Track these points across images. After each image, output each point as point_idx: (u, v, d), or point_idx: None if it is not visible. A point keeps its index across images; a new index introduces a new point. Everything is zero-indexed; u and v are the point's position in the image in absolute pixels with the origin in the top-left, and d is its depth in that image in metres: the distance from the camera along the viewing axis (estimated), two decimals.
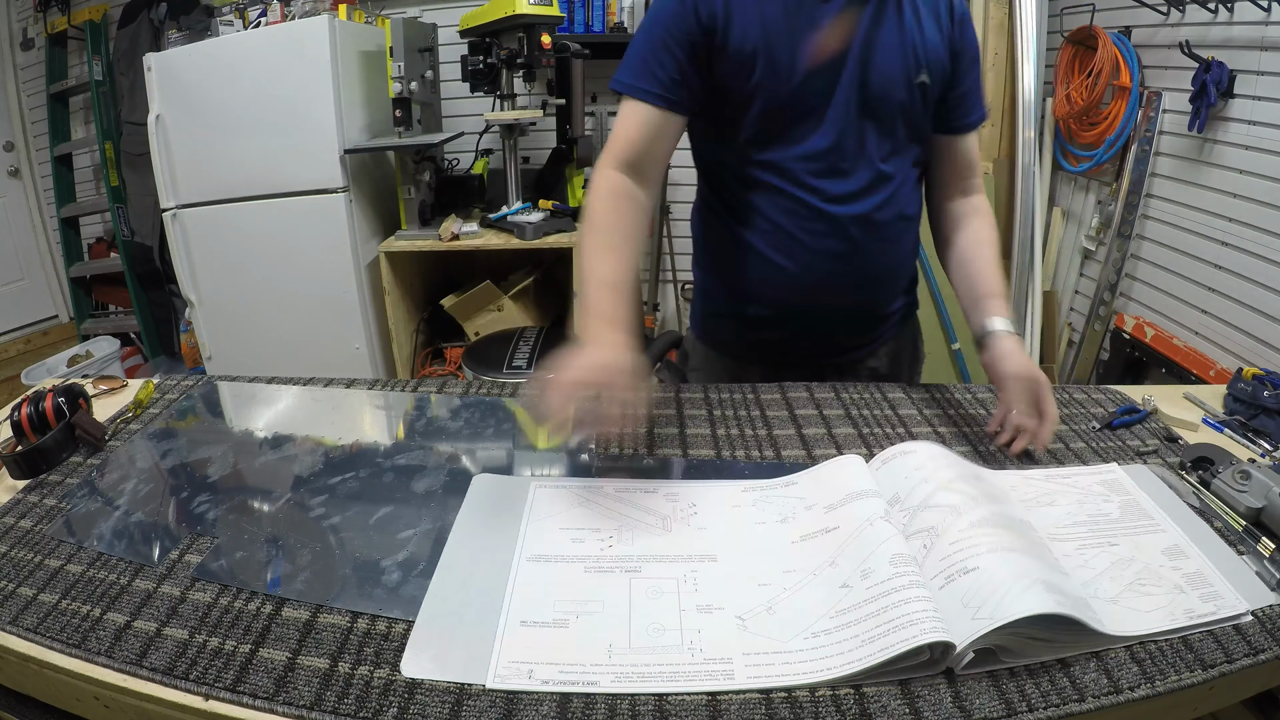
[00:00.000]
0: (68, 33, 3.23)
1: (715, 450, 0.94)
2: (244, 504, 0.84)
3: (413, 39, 2.28)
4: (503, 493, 0.83)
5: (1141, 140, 2.32)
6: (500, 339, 2.19)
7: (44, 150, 3.47)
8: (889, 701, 0.58)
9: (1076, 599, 0.63)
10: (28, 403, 0.94)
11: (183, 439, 0.98)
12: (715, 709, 0.57)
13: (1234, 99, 1.99)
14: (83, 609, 0.67)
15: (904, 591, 0.63)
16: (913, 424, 1.00)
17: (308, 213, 2.31)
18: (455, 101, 2.79)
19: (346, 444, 0.96)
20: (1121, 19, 2.38)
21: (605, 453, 0.94)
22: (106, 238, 3.55)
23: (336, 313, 2.42)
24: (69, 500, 0.84)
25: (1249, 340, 2.00)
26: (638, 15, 2.68)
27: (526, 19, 2.16)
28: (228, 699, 0.58)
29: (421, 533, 0.77)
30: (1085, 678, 0.60)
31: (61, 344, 3.55)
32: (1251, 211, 1.97)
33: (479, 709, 0.57)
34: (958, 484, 0.74)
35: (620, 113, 1.04)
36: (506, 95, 2.34)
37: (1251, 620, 0.65)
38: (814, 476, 0.84)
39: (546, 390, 0.78)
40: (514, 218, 2.34)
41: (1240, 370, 1.07)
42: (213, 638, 0.64)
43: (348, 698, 0.58)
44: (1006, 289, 1.40)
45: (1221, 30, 2.03)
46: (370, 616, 0.66)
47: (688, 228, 1.31)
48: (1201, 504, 0.82)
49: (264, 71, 2.21)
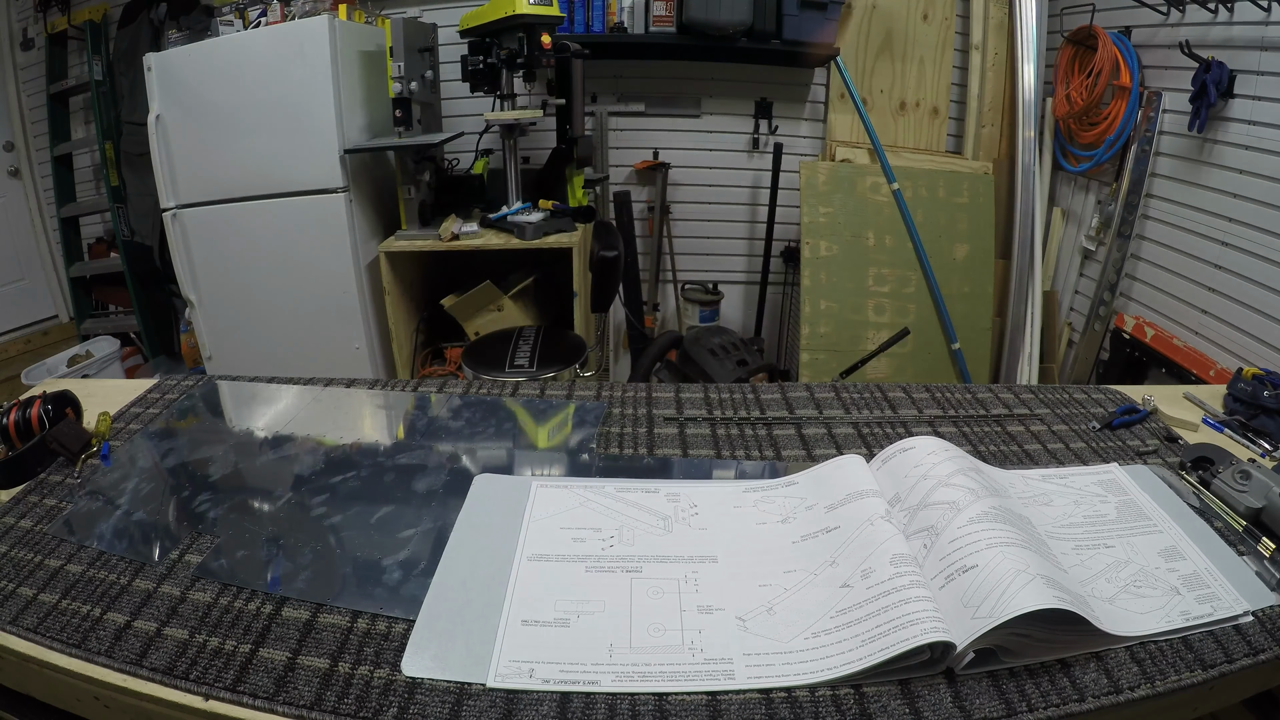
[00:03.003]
0: (68, 33, 3.23)
1: (715, 450, 0.94)
2: (244, 503, 0.84)
3: (413, 39, 2.28)
4: (504, 493, 0.83)
5: (1141, 140, 2.32)
6: (500, 339, 2.19)
7: (44, 150, 3.47)
8: (889, 701, 0.58)
9: (1077, 595, 0.63)
10: (17, 408, 0.93)
11: (183, 439, 0.98)
12: (715, 709, 0.57)
13: (1234, 99, 1.99)
14: (83, 609, 0.67)
15: (904, 591, 0.63)
16: (913, 424, 1.00)
17: (308, 213, 2.31)
18: (455, 101, 2.79)
19: (347, 444, 0.96)
20: (1121, 19, 2.38)
21: (606, 452, 0.94)
22: (106, 238, 3.54)
23: (336, 313, 2.42)
24: (69, 500, 0.84)
25: (1249, 340, 2.00)
26: (638, 15, 2.68)
27: (526, 19, 2.15)
28: (228, 699, 0.58)
29: (422, 532, 0.77)
30: (1085, 678, 0.60)
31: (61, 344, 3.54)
32: (1251, 211, 1.97)
33: (479, 708, 0.57)
34: (957, 478, 0.74)
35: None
36: (506, 95, 2.33)
37: (1251, 620, 0.65)
38: (814, 476, 0.84)
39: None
40: (514, 218, 2.34)
41: (1240, 370, 1.07)
42: (213, 638, 0.64)
43: (348, 698, 0.58)
44: None
45: (1221, 30, 2.03)
46: (370, 616, 0.66)
47: (688, 228, 1.31)
48: (1201, 504, 0.82)
49: (264, 71, 2.21)
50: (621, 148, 2.96)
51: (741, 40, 2.61)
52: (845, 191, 2.66)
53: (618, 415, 1.04)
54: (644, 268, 3.07)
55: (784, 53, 2.68)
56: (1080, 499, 0.82)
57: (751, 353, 2.50)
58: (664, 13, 2.66)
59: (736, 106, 2.92)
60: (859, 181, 2.67)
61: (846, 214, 2.65)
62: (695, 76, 2.88)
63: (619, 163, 2.98)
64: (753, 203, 3.03)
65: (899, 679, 0.59)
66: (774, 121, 2.91)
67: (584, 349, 2.09)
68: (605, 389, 1.11)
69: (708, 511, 0.80)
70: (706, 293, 3.09)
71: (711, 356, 2.40)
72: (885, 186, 2.66)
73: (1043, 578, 0.62)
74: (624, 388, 1.12)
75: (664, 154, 2.96)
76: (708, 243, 3.09)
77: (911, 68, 2.86)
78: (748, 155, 2.98)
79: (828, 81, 2.88)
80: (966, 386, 1.12)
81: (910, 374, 2.70)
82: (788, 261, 3.03)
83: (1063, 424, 1.02)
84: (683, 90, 2.91)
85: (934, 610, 0.61)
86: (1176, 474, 0.88)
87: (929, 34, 2.82)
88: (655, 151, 2.95)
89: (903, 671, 0.60)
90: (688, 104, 2.93)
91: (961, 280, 2.71)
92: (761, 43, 2.64)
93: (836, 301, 2.65)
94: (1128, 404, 1.06)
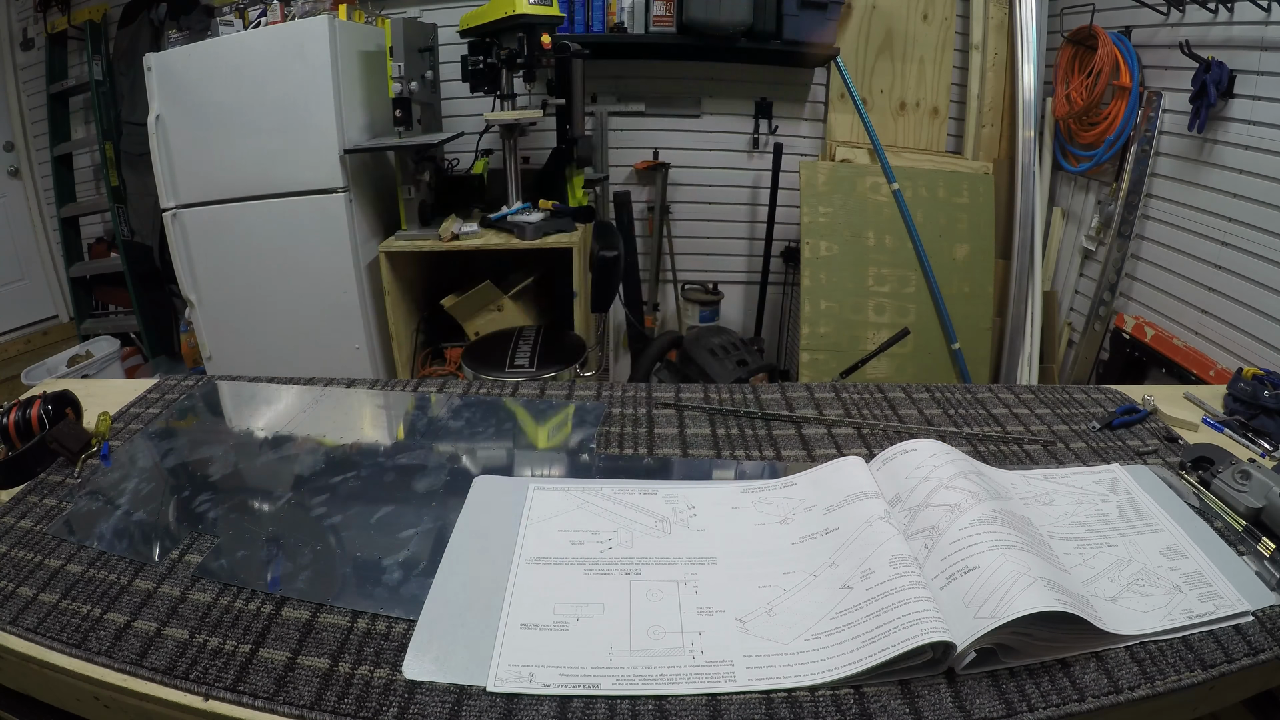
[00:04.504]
0: (68, 33, 3.22)
1: (715, 450, 0.94)
2: (245, 503, 0.84)
3: (413, 39, 2.28)
4: (503, 495, 0.83)
5: (1141, 140, 2.32)
6: (500, 339, 2.19)
7: (44, 150, 3.47)
8: (889, 702, 0.58)
9: (1078, 596, 0.63)
10: (17, 408, 0.93)
11: (183, 439, 0.98)
12: (716, 711, 0.57)
13: (1234, 99, 1.99)
14: (83, 609, 0.67)
15: (904, 592, 0.63)
16: (913, 424, 1.00)
17: (308, 213, 2.31)
18: (455, 101, 2.79)
19: (347, 443, 0.96)
20: (1121, 19, 2.38)
21: (606, 453, 0.94)
22: (106, 238, 3.54)
23: (336, 313, 2.42)
24: (69, 500, 0.84)
25: (1249, 340, 2.00)
26: (638, 15, 2.67)
27: (526, 19, 2.15)
28: (228, 699, 0.58)
29: (422, 532, 0.77)
30: (1085, 678, 0.60)
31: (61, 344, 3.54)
32: (1251, 211, 1.97)
33: (479, 710, 0.57)
34: (958, 481, 0.74)
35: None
36: (506, 95, 2.33)
37: (1251, 620, 0.65)
38: (813, 478, 0.84)
39: None
40: (514, 218, 2.34)
41: (1240, 370, 1.07)
42: (213, 638, 0.64)
43: (348, 698, 0.58)
44: None
45: (1221, 30, 2.03)
46: (370, 617, 0.66)
47: (688, 228, 1.31)
48: (1201, 504, 0.82)
49: (264, 71, 2.21)
50: (621, 148, 2.96)
51: (741, 40, 2.61)
52: (845, 191, 2.66)
53: (618, 415, 1.03)
54: (644, 268, 3.07)
55: (784, 53, 2.68)
56: (1082, 498, 0.82)
57: (751, 353, 2.50)
58: (664, 13, 2.66)
59: (736, 106, 2.92)
60: (859, 181, 2.67)
61: (846, 214, 2.65)
62: (695, 76, 2.88)
63: (619, 163, 2.98)
64: (753, 203, 3.03)
65: (899, 679, 0.59)
66: (774, 121, 2.91)
67: (584, 349, 2.09)
68: (605, 389, 1.11)
69: (706, 513, 0.80)
70: (706, 293, 3.09)
71: (711, 356, 2.40)
72: (885, 186, 2.66)
73: (1044, 580, 0.62)
74: (624, 388, 1.12)
75: (664, 154, 2.96)
76: (708, 243, 3.09)
77: (911, 68, 2.86)
78: (748, 155, 2.98)
79: (828, 81, 2.88)
80: (966, 386, 1.12)
81: (910, 374, 2.70)
82: (788, 261, 3.03)
83: (1063, 424, 1.02)
84: (683, 90, 2.91)
85: (934, 610, 0.61)
86: (1176, 474, 0.88)
87: (929, 34, 2.82)
88: (655, 151, 2.95)
89: (904, 672, 0.59)
90: (688, 104, 2.93)
91: (961, 280, 2.71)
92: (761, 43, 2.64)
93: (836, 301, 2.65)
94: (1128, 404, 1.06)
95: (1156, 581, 0.69)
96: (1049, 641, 0.61)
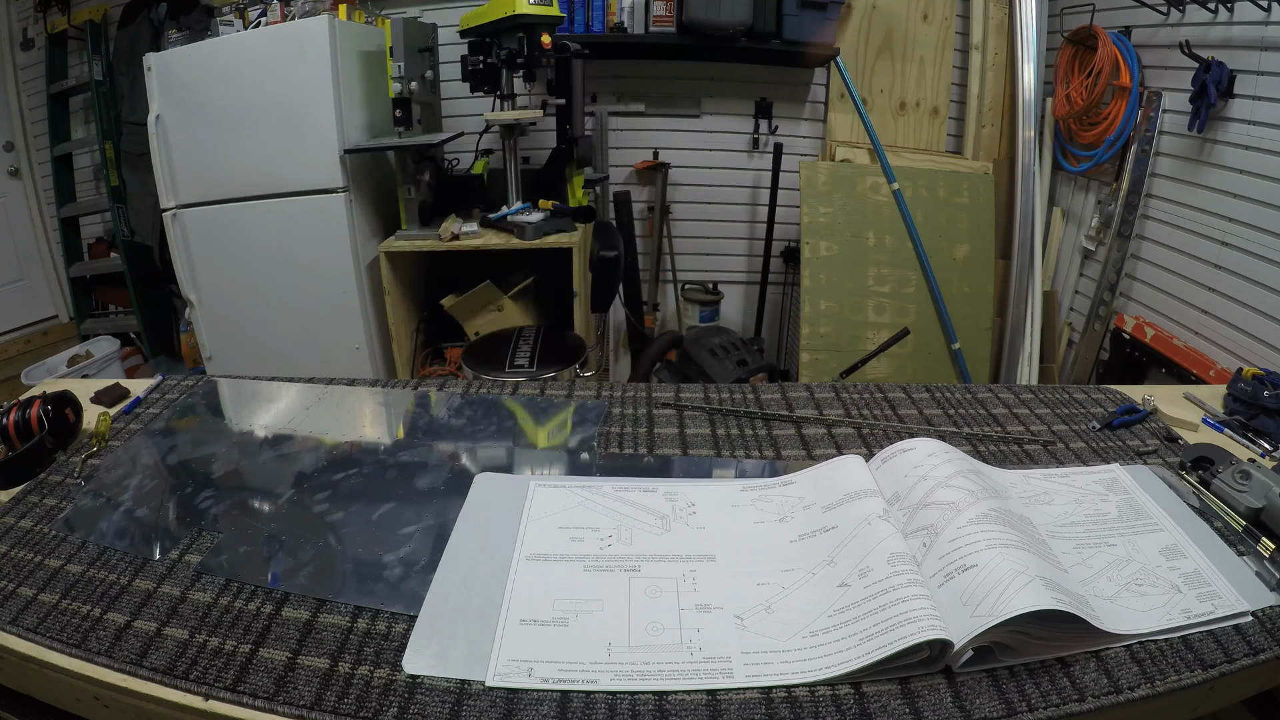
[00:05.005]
0: (68, 33, 3.23)
1: (715, 450, 0.94)
2: (245, 502, 0.84)
3: (413, 39, 2.28)
4: (503, 492, 0.83)
5: (1141, 140, 2.32)
6: (500, 339, 2.19)
7: (44, 150, 3.47)
8: (889, 701, 0.58)
9: (1076, 595, 0.63)
10: (17, 408, 0.94)
11: (184, 437, 0.98)
12: (715, 707, 0.57)
13: (1234, 99, 1.99)
14: (83, 609, 0.67)
15: (902, 590, 0.63)
16: (913, 424, 1.00)
17: (308, 213, 2.31)
18: (455, 101, 2.80)
19: (348, 442, 0.96)
20: (1121, 19, 2.38)
21: (606, 452, 0.94)
22: (106, 238, 3.54)
23: (336, 313, 2.42)
24: (69, 500, 0.84)
25: (1249, 340, 2.00)
26: (638, 15, 2.67)
27: (526, 19, 2.15)
28: (228, 699, 0.58)
29: (423, 529, 0.77)
30: (1085, 678, 0.60)
31: (61, 344, 3.54)
32: (1251, 211, 1.97)
33: (479, 708, 0.57)
34: (957, 480, 0.74)
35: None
36: (506, 95, 2.33)
37: (1251, 620, 0.65)
38: (812, 476, 0.84)
39: None
40: (514, 218, 2.34)
41: (1240, 370, 1.07)
42: (213, 637, 0.64)
43: (348, 697, 0.58)
44: None
45: (1221, 30, 2.02)
46: (370, 617, 0.66)
47: (687, 228, 1.31)
48: (1201, 504, 0.82)
49: (264, 71, 2.21)
50: (621, 148, 2.96)
51: (741, 40, 2.61)
52: (845, 191, 2.66)
53: (618, 415, 1.04)
54: (644, 268, 3.07)
55: (784, 53, 2.68)
56: (1081, 498, 0.82)
57: (751, 353, 2.50)
58: (664, 13, 2.66)
59: (736, 106, 2.92)
60: (859, 181, 2.67)
61: (846, 214, 2.65)
62: (695, 76, 2.88)
63: (619, 163, 2.98)
64: (753, 203, 3.03)
65: (898, 677, 0.59)
66: (774, 121, 2.91)
67: (584, 349, 2.09)
68: (605, 389, 1.11)
69: (706, 510, 0.80)
70: (706, 293, 3.09)
71: (711, 356, 2.40)
72: (885, 186, 2.66)
73: (1042, 579, 0.62)
74: (624, 387, 1.12)
75: (664, 154, 2.96)
76: (708, 243, 3.09)
77: (911, 68, 2.86)
78: (748, 155, 2.98)
79: (828, 81, 2.88)
80: (966, 386, 1.12)
81: (910, 374, 2.70)
82: (788, 261, 3.03)
83: (1063, 424, 1.02)
84: (682, 90, 2.91)
85: (931, 608, 0.61)
86: (1176, 474, 0.88)
87: (929, 34, 2.82)
88: (655, 151, 2.96)
89: (902, 670, 0.60)
90: (688, 104, 2.93)
91: (961, 280, 2.71)
92: (761, 43, 2.64)
93: (836, 301, 2.65)
94: (1128, 404, 1.06)
95: (1155, 581, 0.69)
96: (1047, 640, 0.61)
